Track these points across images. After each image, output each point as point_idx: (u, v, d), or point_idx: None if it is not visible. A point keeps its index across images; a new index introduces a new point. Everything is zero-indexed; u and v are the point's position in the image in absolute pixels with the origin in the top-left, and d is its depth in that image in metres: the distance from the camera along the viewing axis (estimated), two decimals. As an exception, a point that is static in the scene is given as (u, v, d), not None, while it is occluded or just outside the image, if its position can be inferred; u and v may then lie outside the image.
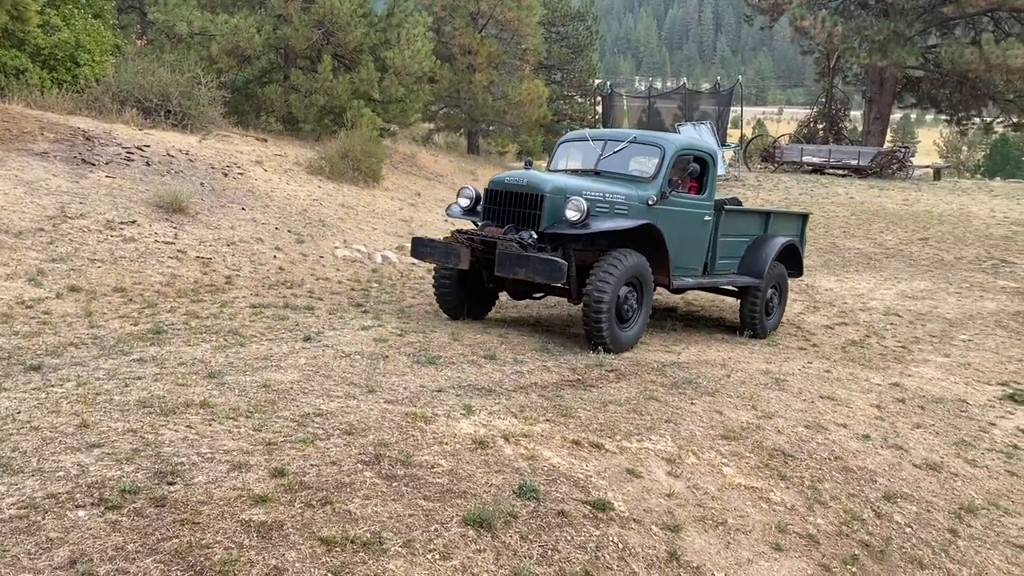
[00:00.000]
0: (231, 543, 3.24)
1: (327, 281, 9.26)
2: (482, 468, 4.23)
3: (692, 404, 5.86)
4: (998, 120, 30.54)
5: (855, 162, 25.53)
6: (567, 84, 30.67)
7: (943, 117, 31.39)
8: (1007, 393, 7.59)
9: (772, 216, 9.44)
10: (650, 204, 7.61)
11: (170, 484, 3.62)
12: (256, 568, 3.12)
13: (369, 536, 3.44)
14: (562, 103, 30.10)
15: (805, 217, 10.20)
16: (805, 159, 26.46)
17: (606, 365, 6.58)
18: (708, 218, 8.29)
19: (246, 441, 4.16)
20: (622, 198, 7.45)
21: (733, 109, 27.01)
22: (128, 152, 11.13)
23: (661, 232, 7.43)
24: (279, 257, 9.70)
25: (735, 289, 9.08)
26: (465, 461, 4.28)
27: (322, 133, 16.45)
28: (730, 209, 8.77)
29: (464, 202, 7.95)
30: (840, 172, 25.60)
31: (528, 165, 8.54)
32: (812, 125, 32.08)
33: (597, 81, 31.33)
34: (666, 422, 5.40)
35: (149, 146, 11.62)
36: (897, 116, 55.90)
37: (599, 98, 28.83)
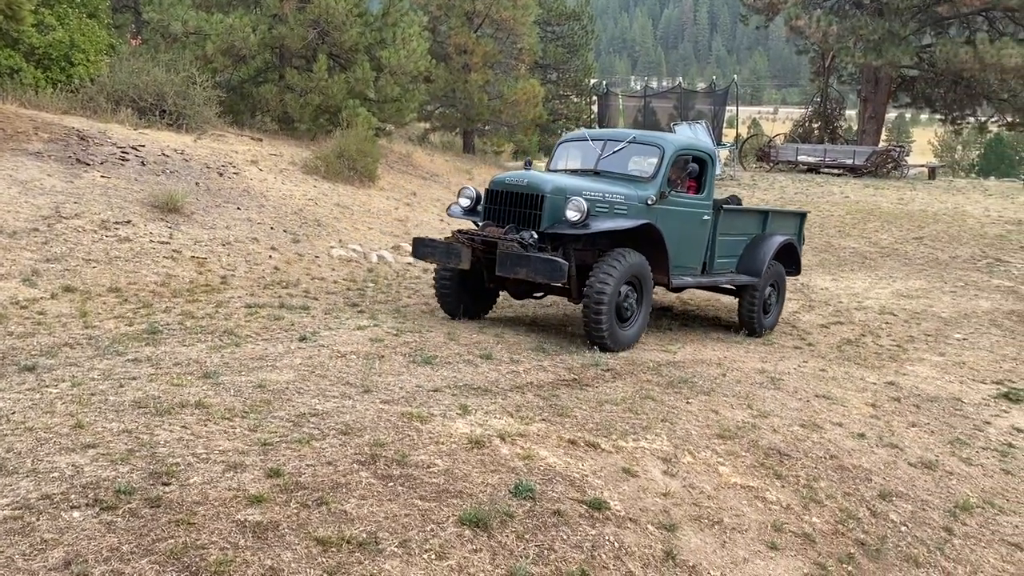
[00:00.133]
0: (227, 544, 3.23)
1: (323, 281, 9.25)
2: (478, 468, 4.23)
3: (688, 403, 5.87)
4: (992, 119, 30.65)
5: (850, 161, 25.56)
6: (563, 84, 30.70)
7: (938, 116, 31.47)
8: (1002, 392, 7.62)
9: (770, 215, 9.47)
10: (649, 204, 7.64)
11: (165, 485, 3.61)
12: (252, 569, 3.11)
13: (365, 536, 3.43)
14: (558, 103, 30.12)
15: (803, 216, 10.22)
16: (800, 158, 26.49)
17: (602, 364, 6.58)
18: (707, 217, 8.33)
19: (241, 441, 4.16)
20: (622, 198, 7.48)
21: (728, 108, 26.99)
22: (123, 152, 11.10)
23: (660, 232, 7.47)
24: (274, 257, 9.68)
25: (733, 288, 9.11)
26: (461, 461, 4.28)
27: (317, 133, 16.42)
28: (728, 208, 8.80)
29: (465, 202, 7.97)
30: (835, 171, 25.63)
31: (528, 165, 8.55)
32: (807, 124, 32.08)
33: (593, 81, 31.38)
34: (662, 421, 5.40)
35: (144, 146, 11.59)
36: (892, 115, 56.07)
37: (595, 98, 28.85)
